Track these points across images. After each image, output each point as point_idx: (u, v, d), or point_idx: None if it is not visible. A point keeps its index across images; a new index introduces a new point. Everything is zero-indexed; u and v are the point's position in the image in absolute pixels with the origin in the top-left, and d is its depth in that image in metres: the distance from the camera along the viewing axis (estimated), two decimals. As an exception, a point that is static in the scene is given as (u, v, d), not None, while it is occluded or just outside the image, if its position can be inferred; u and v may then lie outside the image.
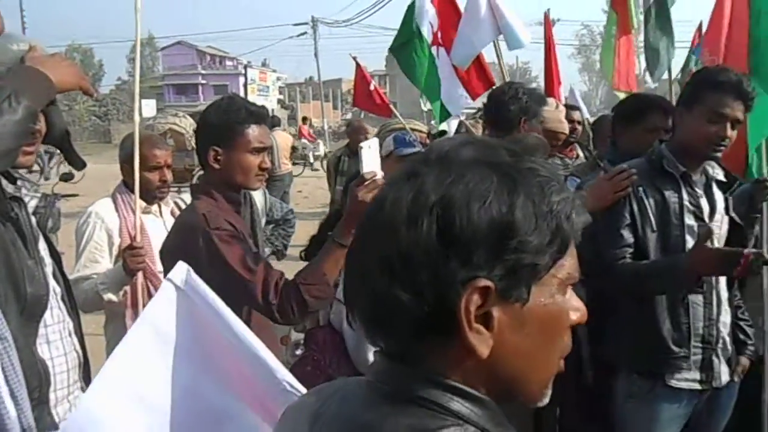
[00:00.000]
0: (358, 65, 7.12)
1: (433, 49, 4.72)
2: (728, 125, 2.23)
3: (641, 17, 4.78)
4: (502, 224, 0.67)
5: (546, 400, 0.76)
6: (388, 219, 0.70)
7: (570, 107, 4.76)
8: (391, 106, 7.27)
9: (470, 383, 0.72)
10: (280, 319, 1.94)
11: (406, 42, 4.88)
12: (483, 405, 0.72)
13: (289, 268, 2.12)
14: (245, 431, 1.40)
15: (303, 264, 2.08)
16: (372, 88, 7.02)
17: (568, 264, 0.73)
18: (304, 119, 25.04)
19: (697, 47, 4.94)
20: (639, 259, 2.33)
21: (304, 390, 1.40)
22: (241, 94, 30.62)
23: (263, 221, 3.76)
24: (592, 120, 6.37)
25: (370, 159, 1.86)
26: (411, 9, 4.86)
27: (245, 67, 49.04)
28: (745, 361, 2.50)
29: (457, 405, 0.70)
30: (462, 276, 0.67)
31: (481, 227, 0.67)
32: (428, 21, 4.74)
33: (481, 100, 4.03)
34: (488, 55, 4.44)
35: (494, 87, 3.93)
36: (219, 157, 2.08)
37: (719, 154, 2.31)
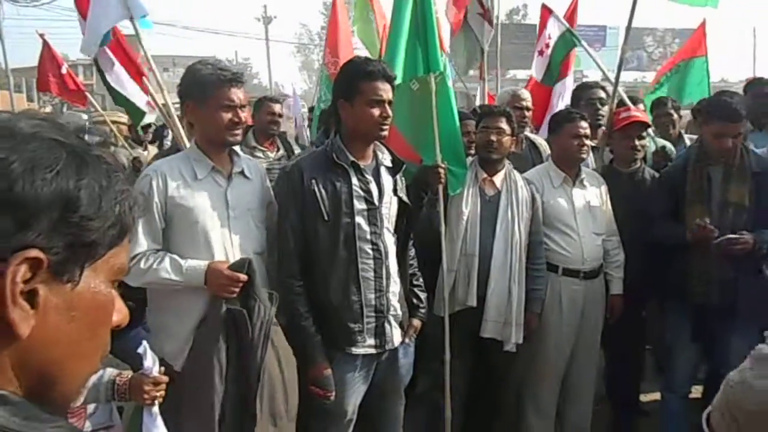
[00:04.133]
0: (45, 43, 6.47)
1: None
2: (386, 106, 2.53)
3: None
4: (68, 197, 0.64)
5: (80, 401, 0.74)
6: None
7: (272, 99, 4.90)
8: (89, 95, 6.72)
9: None
10: None
11: None
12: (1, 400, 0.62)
13: None
14: None
15: None
16: (64, 71, 6.42)
17: (123, 256, 0.73)
18: None
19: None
20: (309, 250, 2.51)
21: None
22: None
23: None
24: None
25: None
26: None
27: None
28: (416, 322, 2.83)
29: None
30: (14, 243, 0.61)
31: (45, 195, 0.63)
32: None
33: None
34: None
35: None
36: None
37: (385, 133, 2.58)
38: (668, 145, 4.28)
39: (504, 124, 3.21)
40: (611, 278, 3.46)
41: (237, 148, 2.60)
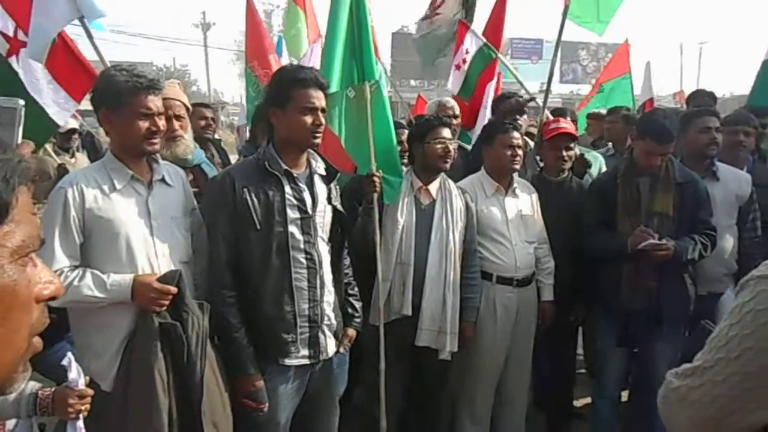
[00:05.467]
0: None
1: (13, 60, 3.79)
2: (319, 114, 2.51)
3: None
4: None
5: (19, 385, 0.71)
6: None
7: (203, 105, 4.84)
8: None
9: None
10: None
11: None
12: None
13: None
14: None
15: None
16: None
17: (21, 231, 0.68)
18: None
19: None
20: (241, 260, 2.46)
21: None
22: None
23: None
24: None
25: None
26: None
27: None
28: (351, 332, 2.82)
29: None
30: None
31: None
32: None
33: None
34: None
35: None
36: None
37: (318, 141, 2.56)
38: (591, 152, 4.44)
39: (450, 134, 3.28)
40: (542, 285, 3.53)
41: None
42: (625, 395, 3.79)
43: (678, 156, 3.76)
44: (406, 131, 3.67)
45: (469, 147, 4.33)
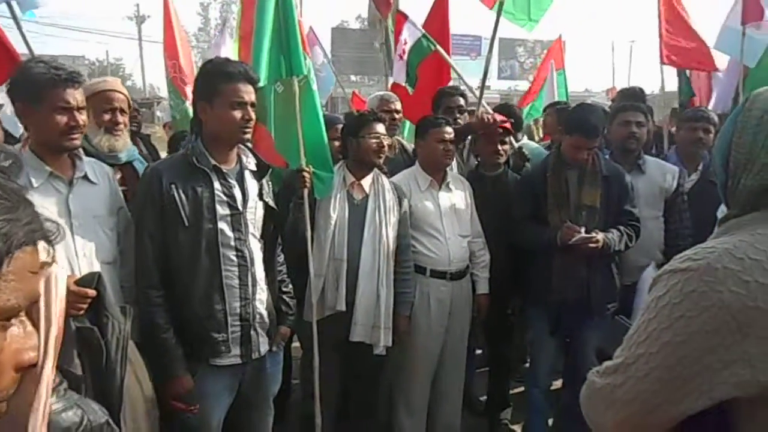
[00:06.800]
0: None
1: None
2: (249, 108, 2.45)
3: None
4: None
5: None
6: None
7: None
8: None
9: None
10: None
11: None
12: None
13: None
14: None
15: None
16: None
17: (8, 292, 0.64)
18: None
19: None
20: (169, 258, 2.40)
21: None
22: None
23: None
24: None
25: None
26: None
27: None
28: (285, 330, 2.79)
29: None
30: None
31: None
32: None
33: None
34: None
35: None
36: None
37: (248, 136, 2.51)
38: (528, 144, 4.52)
39: (385, 129, 3.27)
40: (477, 278, 3.57)
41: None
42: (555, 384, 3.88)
43: (609, 149, 3.88)
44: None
45: (406, 143, 4.33)
